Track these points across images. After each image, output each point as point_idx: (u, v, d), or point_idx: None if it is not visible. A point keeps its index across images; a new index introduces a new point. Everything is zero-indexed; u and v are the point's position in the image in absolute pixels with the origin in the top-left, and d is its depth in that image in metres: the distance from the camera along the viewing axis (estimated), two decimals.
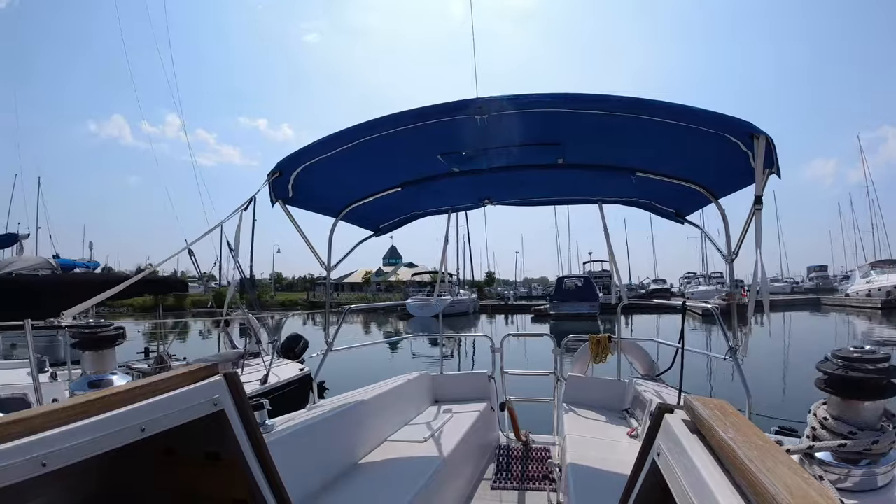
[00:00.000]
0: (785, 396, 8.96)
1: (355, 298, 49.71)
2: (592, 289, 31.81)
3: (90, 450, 0.99)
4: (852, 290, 34.44)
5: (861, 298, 32.04)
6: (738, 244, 2.70)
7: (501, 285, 67.45)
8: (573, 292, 31.42)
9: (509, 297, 48.44)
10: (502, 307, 40.80)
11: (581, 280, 33.36)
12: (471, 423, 3.56)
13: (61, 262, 12.03)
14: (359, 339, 23.10)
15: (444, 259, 4.57)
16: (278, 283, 69.26)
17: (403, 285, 51.77)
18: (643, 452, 1.09)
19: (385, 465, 2.82)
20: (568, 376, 4.25)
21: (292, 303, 47.83)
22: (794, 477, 0.67)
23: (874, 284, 31.13)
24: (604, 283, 42.18)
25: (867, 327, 22.68)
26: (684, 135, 2.21)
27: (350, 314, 4.42)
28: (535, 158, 2.96)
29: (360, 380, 3.85)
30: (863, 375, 1.16)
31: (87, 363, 1.85)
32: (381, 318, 30.78)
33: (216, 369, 1.34)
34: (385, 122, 2.25)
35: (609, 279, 46.06)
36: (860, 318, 24.73)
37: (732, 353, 2.67)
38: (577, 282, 32.93)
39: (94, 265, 14.83)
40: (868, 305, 30.26)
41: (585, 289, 31.55)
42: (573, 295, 31.04)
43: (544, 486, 3.25)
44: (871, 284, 31.47)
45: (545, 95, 2.09)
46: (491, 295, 53.64)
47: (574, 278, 34.30)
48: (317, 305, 42.88)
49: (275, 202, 2.79)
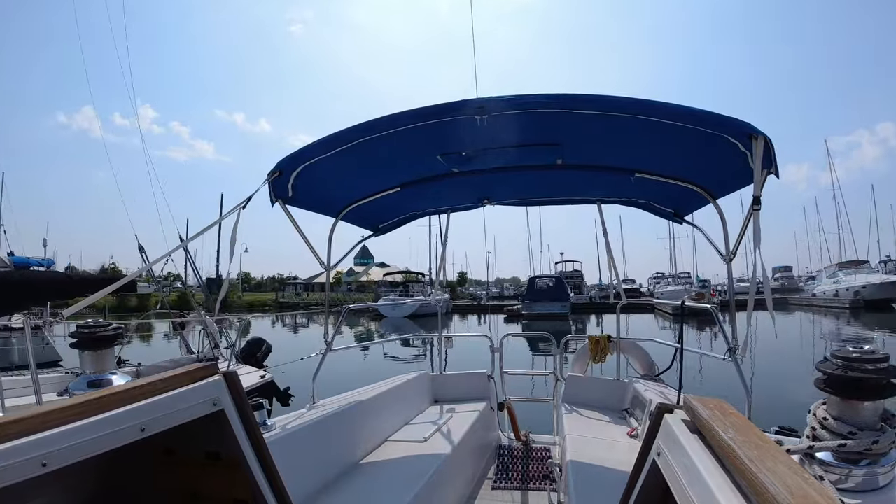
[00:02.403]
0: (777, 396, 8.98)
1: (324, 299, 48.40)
2: (564, 289, 32.24)
3: (90, 450, 0.99)
4: (819, 291, 35.10)
5: (829, 298, 32.74)
6: (737, 244, 2.70)
7: (474, 285, 67.54)
8: (545, 292, 31.70)
9: (482, 298, 48.50)
10: (475, 307, 40.85)
11: (552, 280, 33.67)
12: (471, 423, 3.56)
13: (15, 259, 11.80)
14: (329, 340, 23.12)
15: (443, 260, 4.58)
16: (246, 284, 67.45)
17: (375, 285, 50.46)
18: (643, 452, 1.09)
19: (385, 465, 2.82)
20: (567, 376, 4.25)
21: (260, 304, 46.49)
22: (794, 477, 0.67)
23: (841, 285, 31.95)
24: (575, 283, 43.46)
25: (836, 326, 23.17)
26: (683, 135, 2.21)
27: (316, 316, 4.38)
28: (534, 159, 2.96)
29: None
30: (862, 375, 1.17)
31: (86, 363, 1.85)
32: (353, 319, 30.48)
33: (216, 369, 1.34)
34: (385, 122, 2.25)
35: (580, 279, 46.88)
36: (828, 318, 25.16)
37: (732, 353, 2.67)
38: (548, 282, 33.23)
39: (49, 263, 14.52)
40: (836, 305, 31.00)
41: (557, 289, 31.90)
42: (545, 295, 31.31)
43: (544, 486, 3.26)
44: (839, 285, 32.27)
45: (544, 96, 2.09)
46: (463, 295, 53.79)
47: (546, 278, 34.60)
48: (286, 306, 41.83)
49: (275, 202, 2.79)
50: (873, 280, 29.62)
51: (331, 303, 3.62)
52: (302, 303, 45.99)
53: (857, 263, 35.00)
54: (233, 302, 41.77)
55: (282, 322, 27.48)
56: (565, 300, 30.70)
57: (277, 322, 27.53)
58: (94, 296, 2.18)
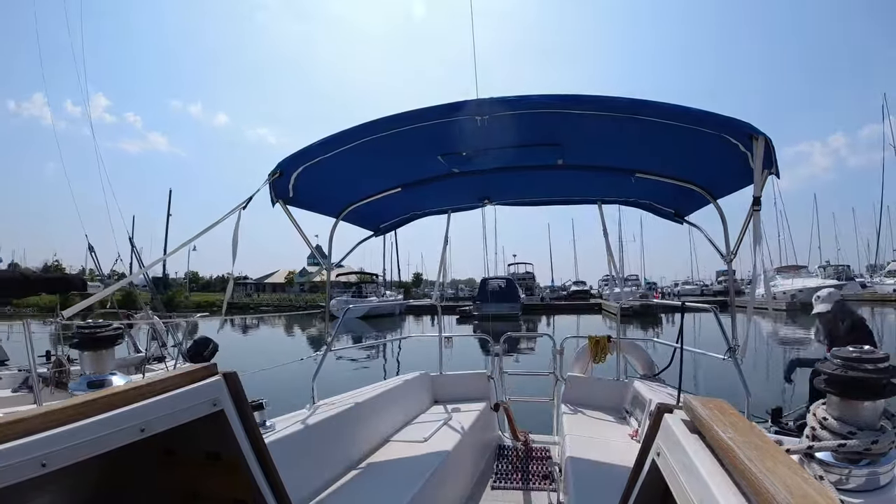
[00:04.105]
0: None
1: (276, 300, 47.92)
2: (515, 290, 32.71)
3: (90, 450, 0.99)
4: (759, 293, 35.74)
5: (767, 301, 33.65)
6: (737, 244, 2.71)
7: (428, 286, 67.03)
8: (496, 293, 31.89)
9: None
10: (429, 308, 40.69)
11: (504, 282, 34.02)
12: (471, 423, 3.56)
13: None
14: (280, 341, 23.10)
15: (443, 261, 4.57)
16: (194, 283, 63.91)
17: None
18: (643, 452, 1.09)
19: (385, 465, 2.82)
20: (567, 376, 4.25)
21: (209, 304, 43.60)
22: (794, 477, 0.67)
23: (779, 288, 33.70)
24: (527, 284, 44.27)
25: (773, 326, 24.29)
26: (683, 135, 2.22)
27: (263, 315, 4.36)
28: (534, 159, 2.96)
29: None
30: (862, 375, 1.16)
31: (86, 363, 1.85)
32: (305, 321, 29.97)
33: (215, 369, 1.35)
34: (385, 122, 2.26)
35: (532, 280, 47.68)
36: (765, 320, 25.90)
37: (731, 353, 2.68)
38: (500, 283, 33.56)
39: None
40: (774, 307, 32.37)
41: (508, 290, 32.31)
42: (496, 296, 31.49)
43: (544, 486, 3.26)
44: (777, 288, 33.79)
45: (545, 97, 2.10)
46: (417, 296, 53.68)
47: (497, 280, 34.99)
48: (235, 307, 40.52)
49: (275, 202, 2.79)
50: (810, 284, 31.02)
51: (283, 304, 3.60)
52: (252, 304, 44.79)
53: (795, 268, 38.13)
54: (179, 302, 40.85)
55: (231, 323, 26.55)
56: (516, 301, 31.20)
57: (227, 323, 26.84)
58: (96, 295, 2.18)
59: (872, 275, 44.72)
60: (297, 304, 44.35)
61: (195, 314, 10.69)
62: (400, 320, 33.40)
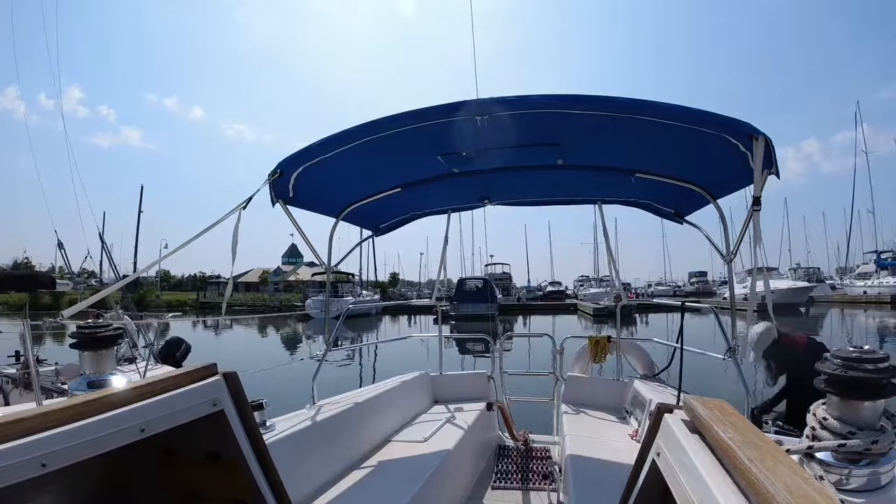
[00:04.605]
0: None
1: (250, 299, 47.06)
2: (491, 290, 32.53)
3: (90, 450, 0.99)
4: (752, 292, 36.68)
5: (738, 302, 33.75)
6: (737, 244, 2.71)
7: (405, 286, 67.25)
8: (472, 294, 32.01)
9: (413, 298, 48.28)
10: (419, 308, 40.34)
11: (480, 282, 34.01)
12: (470, 423, 3.56)
13: None
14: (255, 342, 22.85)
15: (443, 261, 4.57)
16: (165, 282, 62.86)
17: (303, 285, 48.18)
18: (643, 452, 1.09)
19: (385, 464, 2.82)
20: (567, 376, 4.25)
21: (181, 303, 43.63)
22: (794, 477, 0.66)
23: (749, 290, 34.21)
24: (504, 284, 44.49)
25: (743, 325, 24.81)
26: (683, 135, 2.22)
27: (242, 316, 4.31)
28: (534, 159, 2.97)
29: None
30: (862, 375, 1.16)
31: (86, 363, 1.85)
32: (279, 321, 29.91)
33: (215, 369, 1.35)
34: (385, 122, 2.26)
35: (509, 281, 48.04)
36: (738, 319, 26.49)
37: (731, 353, 2.68)
38: (476, 284, 33.61)
39: None
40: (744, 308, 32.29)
41: (484, 290, 32.17)
42: (472, 296, 31.58)
43: (544, 486, 3.25)
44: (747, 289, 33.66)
45: (544, 97, 2.10)
46: (394, 296, 53.65)
47: (474, 280, 35.04)
48: (207, 306, 40.02)
49: (275, 202, 2.79)
50: (780, 285, 31.42)
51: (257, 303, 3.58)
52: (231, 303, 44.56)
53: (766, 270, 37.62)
54: (150, 301, 40.43)
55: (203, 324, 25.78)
56: (492, 301, 31.02)
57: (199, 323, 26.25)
58: (100, 293, 2.18)
59: (842, 277, 45.63)
60: (272, 304, 43.87)
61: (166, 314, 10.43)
62: (377, 320, 32.96)
